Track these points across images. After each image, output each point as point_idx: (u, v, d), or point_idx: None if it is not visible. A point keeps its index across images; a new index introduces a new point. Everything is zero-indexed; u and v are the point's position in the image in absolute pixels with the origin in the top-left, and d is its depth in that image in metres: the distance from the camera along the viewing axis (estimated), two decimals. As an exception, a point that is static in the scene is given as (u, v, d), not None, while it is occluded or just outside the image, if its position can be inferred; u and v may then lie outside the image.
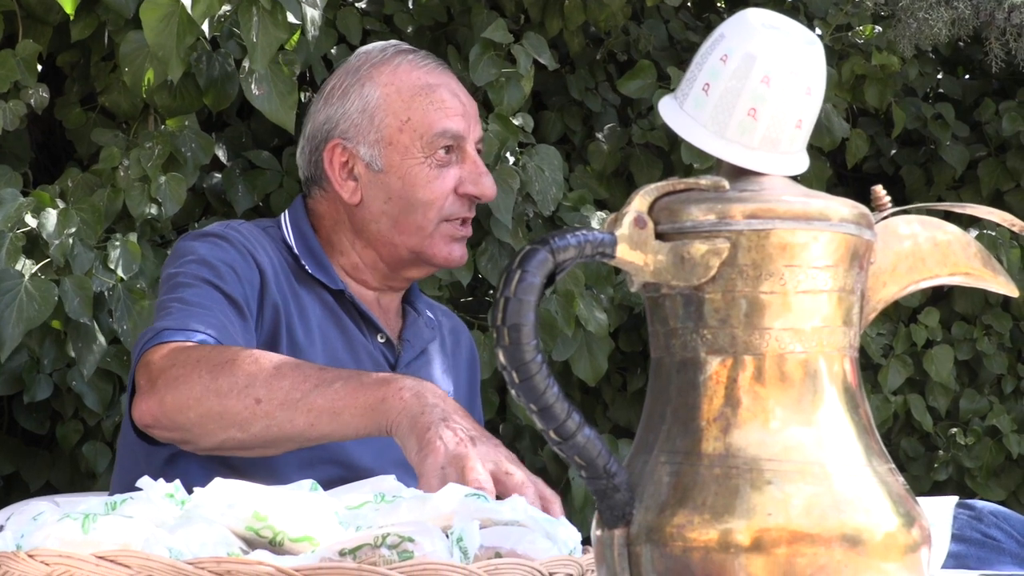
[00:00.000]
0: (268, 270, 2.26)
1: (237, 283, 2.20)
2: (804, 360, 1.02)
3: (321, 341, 2.28)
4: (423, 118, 2.31)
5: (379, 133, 2.31)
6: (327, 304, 2.32)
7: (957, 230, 1.15)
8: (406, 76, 2.34)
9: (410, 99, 2.32)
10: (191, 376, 1.99)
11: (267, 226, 2.39)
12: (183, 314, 2.12)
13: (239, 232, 2.30)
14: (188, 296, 2.16)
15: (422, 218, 2.31)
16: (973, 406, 4.75)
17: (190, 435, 2.03)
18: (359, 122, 2.32)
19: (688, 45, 4.70)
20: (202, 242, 2.27)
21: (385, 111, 2.31)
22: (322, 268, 2.33)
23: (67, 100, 3.83)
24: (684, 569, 0.99)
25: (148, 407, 2.04)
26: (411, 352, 2.39)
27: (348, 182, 2.33)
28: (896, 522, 1.01)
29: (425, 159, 2.30)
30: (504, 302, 0.97)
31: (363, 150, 2.32)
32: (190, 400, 1.98)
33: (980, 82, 5.21)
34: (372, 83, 2.33)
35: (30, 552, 1.24)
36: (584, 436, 0.99)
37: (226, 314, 2.15)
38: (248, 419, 1.96)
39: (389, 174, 2.31)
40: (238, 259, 2.24)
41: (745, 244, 1.01)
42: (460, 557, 1.28)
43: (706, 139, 1.05)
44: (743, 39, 1.04)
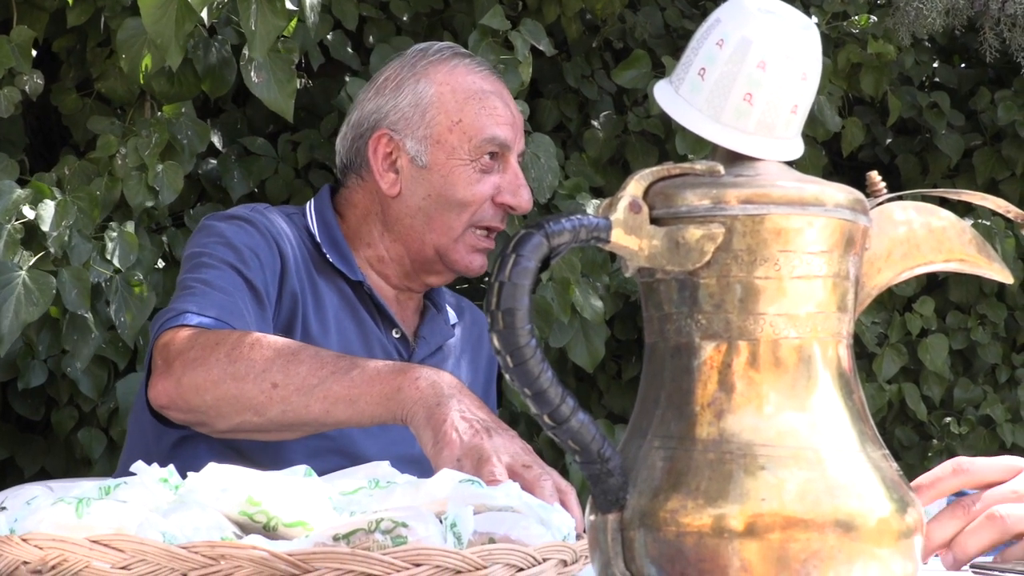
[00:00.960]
0: (289, 257, 2.27)
1: (259, 269, 2.21)
2: (798, 345, 1.02)
3: (336, 331, 2.29)
4: (474, 121, 2.32)
5: (429, 129, 2.32)
6: (344, 295, 2.33)
7: (952, 216, 1.14)
8: (462, 78, 2.35)
9: (464, 101, 2.33)
10: (209, 359, 2.00)
11: (291, 213, 2.39)
12: (204, 297, 2.13)
13: (265, 217, 2.31)
14: (211, 278, 2.17)
15: (455, 219, 2.32)
16: (967, 395, 4.76)
17: (206, 417, 2.04)
18: (410, 116, 2.33)
19: (684, 33, 4.69)
20: (229, 224, 2.28)
21: (438, 109, 2.32)
22: (343, 258, 2.33)
23: (63, 86, 3.82)
24: (677, 554, 0.99)
25: (165, 388, 2.04)
26: (426, 349, 2.39)
27: (389, 173, 2.34)
28: (890, 508, 1.01)
29: (470, 162, 2.31)
30: (499, 286, 0.96)
31: (410, 144, 2.32)
32: (207, 383, 1.99)
33: (976, 71, 5.21)
34: (428, 80, 2.35)
35: (24, 536, 1.24)
36: (578, 421, 0.99)
37: (245, 301, 2.16)
38: (264, 403, 1.97)
39: (432, 171, 2.32)
40: (262, 244, 2.25)
41: (740, 229, 1.01)
42: (454, 543, 1.28)
43: (701, 123, 1.05)
44: (739, 24, 1.04)
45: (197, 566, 1.19)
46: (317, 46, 4.03)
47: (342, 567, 1.18)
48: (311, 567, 1.18)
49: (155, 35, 3.05)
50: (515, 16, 4.16)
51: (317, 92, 4.22)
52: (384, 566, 1.19)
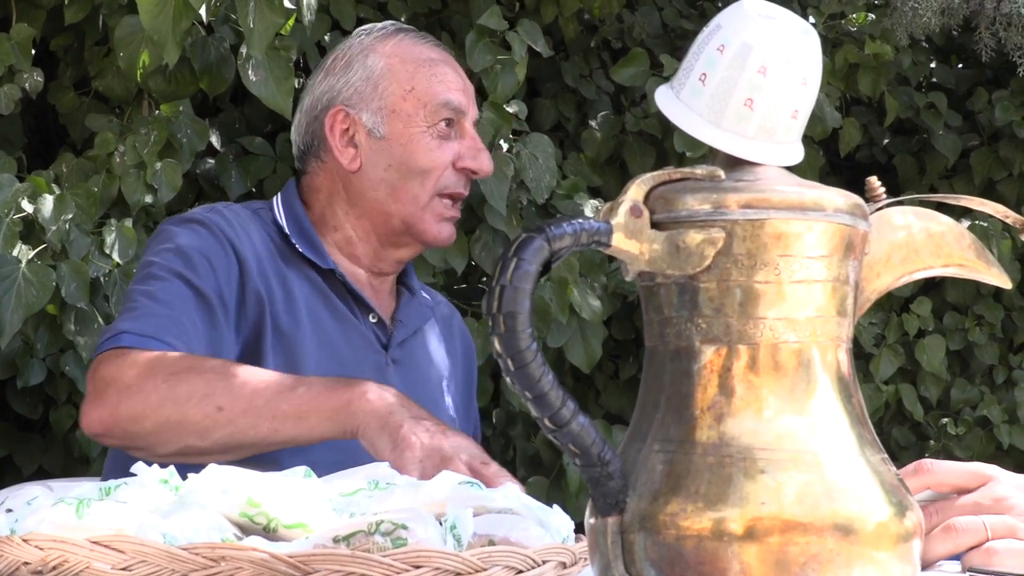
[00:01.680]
0: (249, 257, 2.25)
1: (211, 274, 2.20)
2: (798, 350, 1.03)
3: (309, 323, 2.28)
4: (427, 88, 2.33)
5: (383, 100, 2.33)
6: (316, 284, 2.32)
7: (951, 221, 1.15)
8: (409, 49, 2.37)
9: (415, 69, 2.34)
10: (146, 386, 2.00)
11: (259, 208, 2.39)
12: (145, 312, 2.12)
13: (222, 216, 2.30)
14: (156, 291, 2.16)
15: (419, 187, 2.32)
16: (964, 396, 4.76)
17: (145, 443, 2.04)
18: (363, 89, 2.34)
19: (682, 32, 4.70)
20: (182, 228, 2.27)
21: (390, 79, 2.34)
22: (312, 247, 2.33)
23: (60, 84, 3.82)
24: (677, 557, 1.00)
25: (100, 416, 2.04)
26: (404, 332, 2.40)
27: (348, 149, 2.35)
28: (888, 511, 1.01)
29: (428, 128, 2.32)
30: (500, 290, 0.97)
31: (366, 116, 2.33)
32: (146, 410, 1.99)
33: (973, 71, 5.21)
34: (376, 54, 2.36)
35: (24, 537, 1.24)
36: (578, 424, 1.00)
37: (190, 313, 2.15)
38: (209, 427, 1.98)
39: (391, 141, 2.33)
40: (215, 248, 2.23)
41: (740, 234, 1.02)
42: (453, 545, 1.28)
43: (702, 128, 1.05)
44: (740, 29, 1.05)
45: (198, 567, 1.19)
46: (315, 46, 4.03)
47: (342, 569, 1.19)
48: (311, 569, 1.19)
49: (153, 32, 3.05)
50: (512, 16, 4.16)
51: (315, 91, 4.21)
52: (384, 568, 1.19)
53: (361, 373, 2.15)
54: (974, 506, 1.47)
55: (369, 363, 2.30)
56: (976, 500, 1.48)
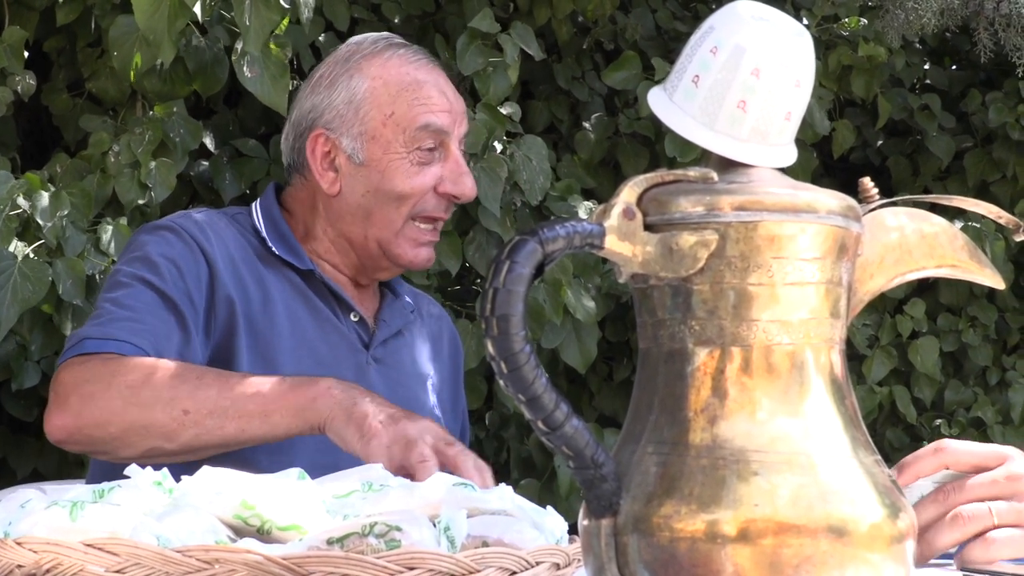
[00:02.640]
0: (220, 260, 2.25)
1: (179, 280, 2.20)
2: (791, 352, 1.03)
3: (289, 324, 2.28)
4: (407, 112, 2.31)
5: (363, 126, 2.31)
6: (296, 286, 2.32)
7: (944, 222, 1.15)
8: (395, 70, 2.34)
9: (396, 93, 2.32)
10: (108, 391, 2.00)
11: (236, 213, 2.39)
12: (110, 318, 2.13)
13: (193, 221, 2.30)
14: (121, 297, 2.17)
15: (394, 212, 2.31)
16: (958, 397, 4.77)
17: (109, 447, 2.05)
18: (344, 113, 2.32)
19: (675, 35, 4.70)
20: (151, 235, 2.28)
21: (370, 104, 2.32)
22: (291, 250, 2.33)
23: (54, 86, 3.82)
24: (671, 559, 1.00)
25: (62, 423, 2.04)
26: (387, 331, 2.40)
27: (328, 172, 2.34)
28: (882, 513, 1.01)
29: (407, 154, 2.30)
30: (493, 292, 0.97)
31: (346, 142, 2.32)
32: (110, 415, 2.00)
33: (967, 73, 5.22)
34: (360, 75, 2.34)
35: (18, 540, 1.24)
36: (572, 426, 1.00)
37: (158, 316, 2.15)
38: (176, 430, 1.99)
39: (370, 167, 2.31)
40: (184, 253, 2.23)
41: (733, 236, 1.02)
42: (447, 546, 1.28)
43: (695, 131, 1.05)
44: (733, 31, 1.05)
45: (191, 570, 1.19)
46: (308, 47, 4.03)
47: (336, 571, 1.19)
48: (305, 571, 1.19)
49: (148, 31, 3.05)
50: (506, 18, 4.16)
51: (309, 93, 4.21)
52: (378, 570, 1.19)
53: (341, 373, 2.15)
54: (990, 484, 1.47)
55: (349, 363, 2.31)
56: (992, 478, 1.48)
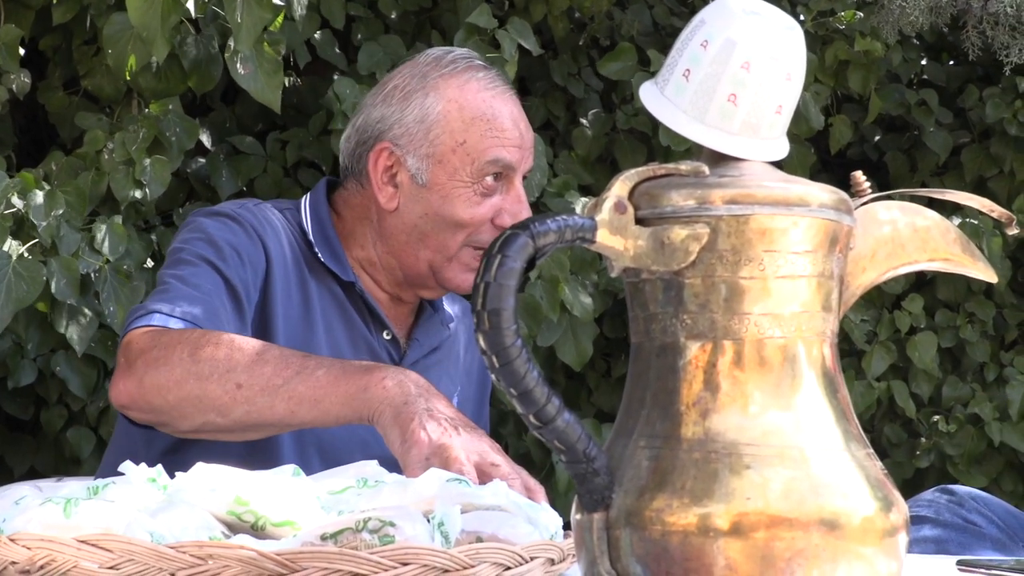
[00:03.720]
0: (275, 255, 2.23)
1: (239, 266, 2.18)
2: (783, 345, 1.03)
3: (324, 332, 2.26)
4: (478, 143, 2.26)
5: (432, 148, 2.26)
6: (335, 295, 2.30)
7: (936, 216, 1.15)
8: (472, 96, 2.28)
9: (471, 121, 2.26)
10: (171, 358, 1.98)
11: (285, 208, 2.36)
12: (176, 295, 2.11)
13: (252, 213, 2.27)
14: (187, 275, 2.15)
15: (450, 238, 2.27)
16: (956, 393, 4.76)
17: (167, 417, 2.02)
18: (414, 132, 2.27)
19: (672, 30, 4.69)
20: (212, 220, 2.25)
21: (442, 128, 2.26)
22: (335, 258, 2.30)
23: (49, 84, 3.82)
24: (663, 553, 1.00)
25: (126, 387, 2.02)
26: (418, 351, 2.38)
27: (388, 187, 2.29)
28: (874, 506, 1.01)
29: (471, 184, 2.26)
30: (484, 287, 0.97)
31: (411, 161, 2.27)
32: (169, 383, 1.97)
33: (964, 68, 5.21)
34: (436, 95, 2.28)
35: (12, 536, 1.24)
36: (564, 420, 1.00)
37: (221, 298, 2.14)
38: (228, 404, 1.95)
39: (432, 190, 2.26)
40: (245, 242, 2.21)
41: (725, 229, 1.02)
42: (441, 542, 1.28)
43: (686, 124, 1.05)
44: (723, 25, 1.05)
45: (185, 566, 1.19)
46: (304, 45, 4.03)
47: (330, 566, 1.19)
48: (299, 567, 1.19)
49: (141, 28, 3.04)
50: (502, 15, 4.16)
51: (305, 90, 4.22)
52: (372, 565, 1.19)
53: None
54: None
55: None
56: None
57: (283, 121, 4.04)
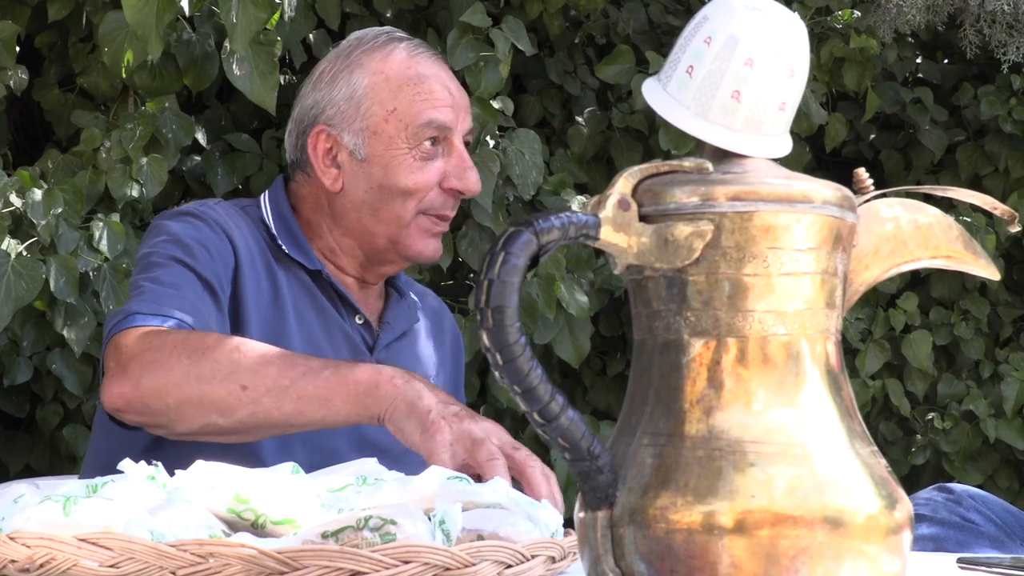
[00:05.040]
0: (242, 249, 2.24)
1: (209, 261, 2.18)
2: (787, 342, 1.03)
3: (296, 322, 2.27)
4: (409, 108, 2.28)
5: (365, 121, 2.29)
6: (304, 284, 2.31)
7: (939, 213, 1.15)
8: (396, 65, 2.31)
9: (398, 88, 2.29)
10: (169, 361, 1.97)
11: (246, 205, 2.37)
12: (154, 296, 2.11)
13: (214, 210, 2.28)
14: (160, 276, 2.15)
15: (401, 208, 2.29)
16: (951, 391, 4.77)
17: (166, 419, 2.01)
18: (345, 109, 2.30)
19: (668, 28, 4.69)
20: (176, 221, 2.26)
21: (372, 99, 2.29)
22: (300, 248, 2.32)
23: (45, 81, 3.82)
24: (667, 551, 0.99)
25: (121, 391, 2.01)
26: (391, 334, 2.38)
27: (331, 169, 2.31)
28: (878, 504, 1.01)
29: (409, 150, 2.28)
30: (488, 284, 0.96)
31: (347, 138, 2.29)
32: (169, 385, 1.96)
33: (959, 66, 5.22)
34: (361, 70, 2.31)
35: (11, 535, 1.24)
36: (567, 418, 1.00)
37: (198, 294, 2.13)
38: (233, 405, 1.94)
39: (372, 163, 2.29)
40: (212, 237, 2.22)
41: (728, 226, 1.01)
42: (442, 540, 1.28)
43: (689, 121, 1.05)
44: (726, 21, 1.04)
45: (186, 564, 1.19)
46: (300, 44, 4.02)
47: (331, 564, 1.18)
48: (300, 564, 1.18)
49: (136, 26, 3.04)
50: (497, 13, 4.16)
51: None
52: (373, 563, 1.19)
53: None
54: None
55: None
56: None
57: (278, 119, 4.04)
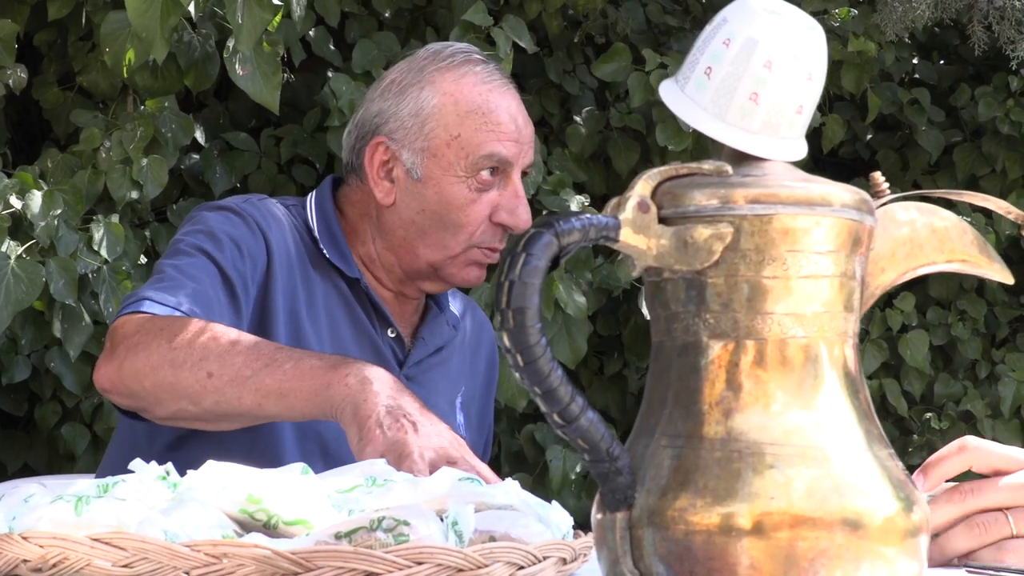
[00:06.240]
0: (278, 250, 2.23)
1: (238, 259, 2.17)
2: (805, 345, 1.03)
3: (328, 329, 2.25)
4: (473, 137, 2.25)
5: (426, 142, 2.26)
6: (341, 291, 2.29)
7: (954, 217, 1.15)
8: (468, 90, 2.28)
9: (465, 115, 2.26)
10: (151, 344, 1.97)
11: (291, 204, 2.35)
12: (171, 283, 2.10)
13: (256, 208, 2.27)
14: (182, 264, 2.14)
15: (451, 239, 2.27)
16: (948, 391, 4.78)
17: (145, 403, 2.02)
18: (409, 125, 2.27)
19: (665, 28, 4.70)
20: (215, 213, 2.25)
21: (437, 121, 2.26)
22: (340, 254, 2.30)
23: (44, 80, 3.81)
24: (686, 552, 1.00)
25: (107, 371, 2.02)
26: (423, 350, 2.37)
27: (384, 182, 2.30)
28: (896, 506, 1.01)
29: (466, 179, 2.25)
30: (509, 285, 0.96)
31: (406, 155, 2.27)
32: (146, 368, 1.96)
33: (956, 67, 5.23)
34: (432, 88, 2.28)
35: (23, 534, 1.24)
36: (587, 419, 1.00)
37: (215, 289, 2.13)
38: (199, 392, 1.94)
39: (427, 185, 2.26)
40: (246, 234, 2.20)
41: (748, 229, 1.02)
42: (455, 541, 1.28)
43: (707, 122, 1.05)
44: (746, 23, 1.05)
45: (199, 564, 1.19)
46: (299, 42, 4.02)
47: (345, 565, 1.18)
48: (314, 565, 1.18)
49: (140, 28, 3.04)
50: (497, 12, 4.16)
51: (300, 87, 4.21)
52: (387, 564, 1.19)
53: None
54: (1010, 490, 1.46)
55: None
56: (1013, 484, 1.46)
57: (277, 118, 4.04)
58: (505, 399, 3.87)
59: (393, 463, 1.67)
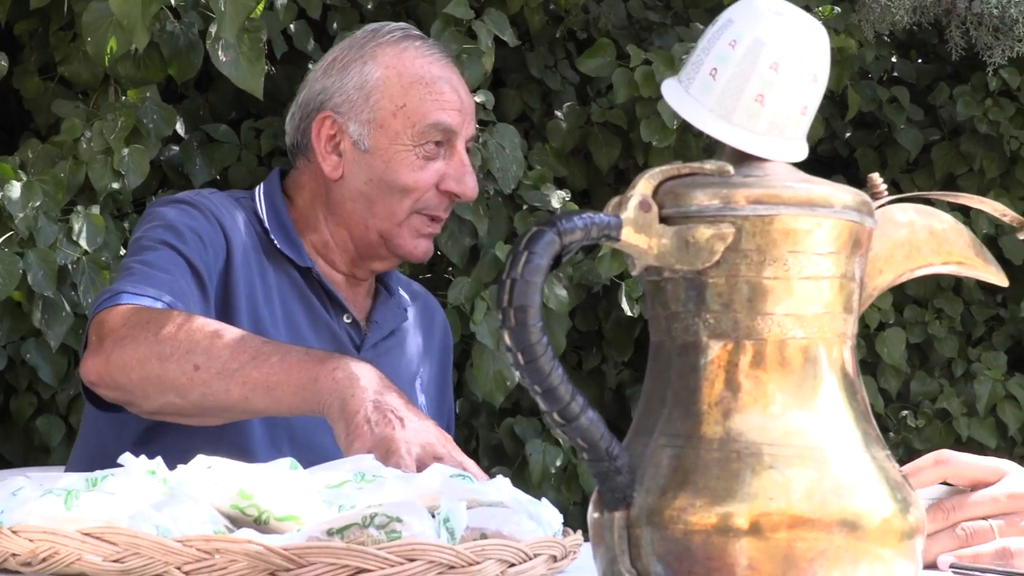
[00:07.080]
0: (235, 241, 2.24)
1: (201, 249, 2.19)
2: (805, 346, 1.03)
3: (284, 318, 2.27)
4: (418, 107, 2.29)
5: (372, 113, 2.30)
6: (294, 281, 2.31)
7: (952, 219, 1.15)
8: (410, 62, 2.32)
9: (409, 86, 2.30)
10: (138, 337, 1.97)
11: (240, 197, 2.37)
12: (142, 277, 2.10)
13: (210, 200, 2.28)
14: (150, 259, 2.15)
15: (396, 204, 2.30)
16: (924, 389, 4.79)
17: (132, 396, 2.01)
18: (354, 98, 2.31)
19: (647, 24, 4.70)
20: (171, 207, 2.26)
21: (382, 93, 2.30)
22: (291, 244, 2.32)
23: (25, 69, 3.79)
24: (684, 552, 1.00)
25: (94, 364, 2.02)
26: (378, 333, 2.38)
27: (332, 156, 2.32)
28: (893, 508, 1.02)
29: (413, 148, 2.29)
30: (511, 283, 0.96)
31: (353, 127, 2.30)
32: (133, 361, 1.96)
33: (934, 66, 5.24)
34: (374, 62, 2.32)
35: (13, 528, 1.23)
36: (587, 419, 1.00)
37: (185, 279, 2.14)
38: (186, 385, 1.93)
39: (374, 155, 2.30)
40: (205, 226, 2.22)
41: (749, 229, 1.02)
42: (447, 538, 1.28)
43: (712, 123, 1.05)
44: (752, 25, 1.05)
45: (191, 560, 1.18)
46: (280, 34, 4.00)
47: (337, 561, 1.18)
48: (306, 561, 1.18)
49: (121, 16, 3.02)
50: (478, 6, 4.15)
51: (281, 79, 4.20)
52: (378, 561, 1.19)
53: None
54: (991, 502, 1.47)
55: None
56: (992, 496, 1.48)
57: (257, 109, 4.02)
58: (484, 393, 3.86)
59: (381, 458, 1.68)
